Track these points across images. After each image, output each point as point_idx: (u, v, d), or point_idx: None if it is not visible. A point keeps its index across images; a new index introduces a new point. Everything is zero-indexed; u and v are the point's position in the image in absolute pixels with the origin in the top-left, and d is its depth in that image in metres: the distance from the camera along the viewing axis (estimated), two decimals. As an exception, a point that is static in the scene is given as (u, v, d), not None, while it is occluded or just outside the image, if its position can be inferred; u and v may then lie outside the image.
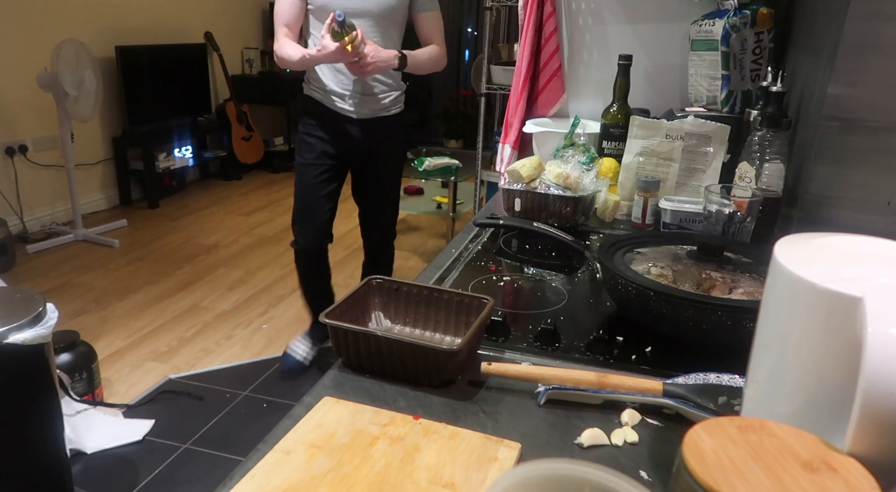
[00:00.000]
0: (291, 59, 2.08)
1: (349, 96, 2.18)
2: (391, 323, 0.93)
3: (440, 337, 0.90)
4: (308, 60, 2.06)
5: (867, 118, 1.04)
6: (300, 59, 2.06)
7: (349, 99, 2.19)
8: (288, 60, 2.09)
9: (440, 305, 0.90)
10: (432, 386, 0.78)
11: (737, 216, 1.15)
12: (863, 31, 1.00)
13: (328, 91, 2.19)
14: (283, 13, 2.11)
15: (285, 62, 2.10)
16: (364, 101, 2.20)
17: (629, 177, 1.48)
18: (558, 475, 0.47)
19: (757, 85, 1.58)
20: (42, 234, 3.94)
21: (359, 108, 2.20)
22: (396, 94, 2.27)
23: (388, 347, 0.78)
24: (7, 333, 1.44)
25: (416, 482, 0.61)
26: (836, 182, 1.09)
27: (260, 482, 0.61)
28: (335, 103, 2.20)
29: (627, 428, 0.71)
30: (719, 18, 1.57)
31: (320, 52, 1.95)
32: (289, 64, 2.10)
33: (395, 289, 0.93)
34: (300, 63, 2.08)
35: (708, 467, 0.45)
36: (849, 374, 0.47)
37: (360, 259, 2.62)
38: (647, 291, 0.88)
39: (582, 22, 1.88)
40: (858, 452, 0.46)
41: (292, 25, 2.12)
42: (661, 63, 1.79)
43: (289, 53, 2.08)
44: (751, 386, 0.61)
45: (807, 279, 0.51)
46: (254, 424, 2.24)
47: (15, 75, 3.81)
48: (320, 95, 2.21)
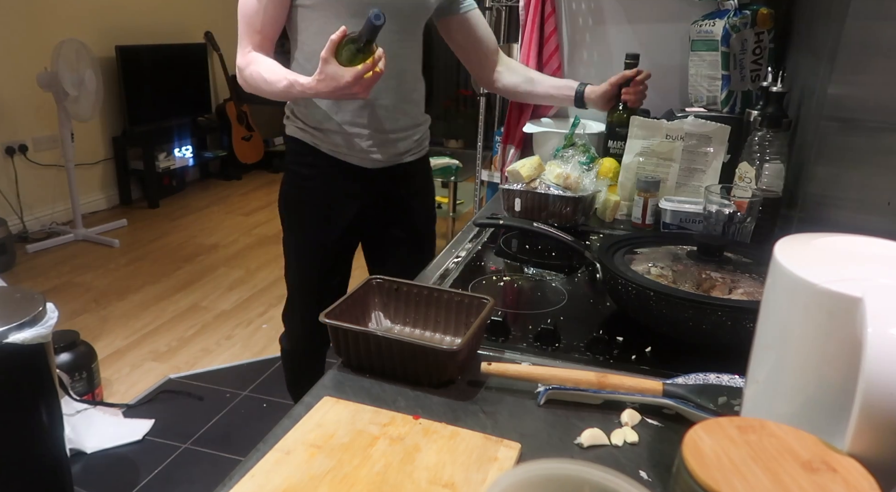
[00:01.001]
0: (271, 88, 1.31)
1: (365, 136, 1.42)
2: (391, 323, 0.93)
3: (440, 337, 0.90)
4: (298, 92, 1.27)
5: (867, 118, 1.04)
6: (285, 88, 1.29)
7: (364, 140, 1.42)
8: (264, 88, 1.33)
9: (440, 305, 0.90)
10: (432, 386, 0.78)
11: (737, 216, 1.15)
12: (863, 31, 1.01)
13: (330, 130, 1.42)
14: (254, 14, 1.34)
15: (259, 90, 1.34)
16: (386, 141, 1.44)
17: (629, 177, 1.48)
18: (558, 475, 0.47)
19: (757, 85, 1.58)
20: (42, 233, 3.94)
21: (379, 152, 1.45)
22: (424, 128, 1.56)
23: (388, 347, 0.78)
24: (7, 333, 1.44)
25: (416, 482, 0.61)
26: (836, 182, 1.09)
27: (260, 482, 0.61)
28: (341, 148, 1.43)
29: (627, 428, 0.71)
30: (719, 19, 1.57)
31: (322, 82, 1.21)
32: (266, 93, 1.34)
33: (396, 289, 0.93)
34: (284, 93, 1.30)
35: (708, 467, 0.45)
36: (849, 374, 0.47)
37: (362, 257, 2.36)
38: (647, 291, 0.87)
39: (582, 22, 1.88)
40: (858, 452, 0.46)
41: (269, 32, 1.36)
42: (661, 63, 1.79)
43: (265, 78, 1.31)
44: (751, 386, 0.61)
45: (807, 279, 0.51)
46: (254, 424, 2.24)
47: (15, 75, 3.81)
48: (317, 138, 1.44)
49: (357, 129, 1.41)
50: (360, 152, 1.43)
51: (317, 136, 1.43)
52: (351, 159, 1.44)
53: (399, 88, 1.41)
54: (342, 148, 1.43)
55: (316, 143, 1.44)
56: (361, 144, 1.42)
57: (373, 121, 1.41)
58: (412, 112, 1.48)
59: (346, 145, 1.42)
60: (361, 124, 1.41)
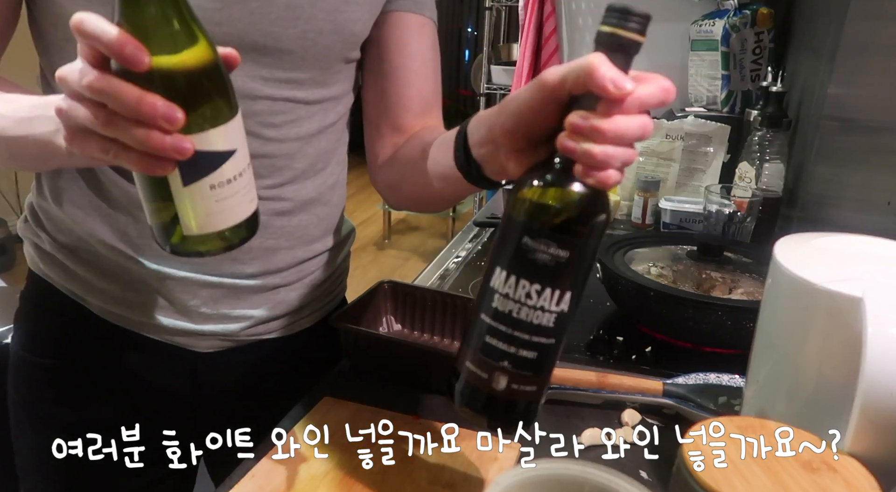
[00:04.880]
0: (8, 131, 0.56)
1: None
2: (402, 327, 0.92)
3: (449, 342, 0.89)
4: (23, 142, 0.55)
5: (867, 118, 1.04)
6: (36, 119, 0.53)
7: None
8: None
9: (456, 311, 0.88)
10: (440, 392, 0.77)
11: (737, 216, 1.15)
12: (863, 31, 1.01)
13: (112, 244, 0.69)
14: None
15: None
16: None
17: (629, 177, 1.48)
18: (558, 475, 0.47)
19: (757, 85, 1.58)
20: (42, 234, 3.94)
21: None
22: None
23: (398, 351, 0.78)
24: (7, 333, 1.44)
25: (416, 482, 0.61)
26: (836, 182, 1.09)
27: (260, 482, 0.60)
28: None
29: (627, 428, 0.71)
30: (719, 18, 1.57)
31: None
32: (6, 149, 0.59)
33: (408, 293, 0.91)
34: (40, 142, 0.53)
35: (708, 467, 0.45)
36: (849, 374, 0.47)
37: (365, 258, 2.32)
38: (647, 291, 0.87)
39: (582, 22, 1.88)
40: (858, 452, 0.46)
41: None
42: (661, 63, 1.79)
43: None
44: (751, 386, 0.61)
45: (807, 279, 0.51)
46: (254, 424, 2.24)
47: (15, 75, 3.79)
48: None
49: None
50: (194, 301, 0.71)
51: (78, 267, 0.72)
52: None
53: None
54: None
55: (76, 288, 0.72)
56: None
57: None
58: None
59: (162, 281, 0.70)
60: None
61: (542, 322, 0.47)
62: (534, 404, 0.51)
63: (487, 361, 0.49)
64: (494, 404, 0.50)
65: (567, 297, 0.47)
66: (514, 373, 0.48)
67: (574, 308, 0.48)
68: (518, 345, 0.47)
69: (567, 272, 0.46)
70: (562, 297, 0.47)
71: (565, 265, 0.46)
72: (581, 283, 0.48)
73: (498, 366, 0.48)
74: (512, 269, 0.47)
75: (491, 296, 0.48)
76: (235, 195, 0.47)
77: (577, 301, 0.48)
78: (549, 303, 0.46)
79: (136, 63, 0.40)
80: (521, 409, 0.51)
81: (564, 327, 0.48)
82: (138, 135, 0.41)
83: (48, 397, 0.77)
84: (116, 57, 0.41)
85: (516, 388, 0.49)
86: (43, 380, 0.77)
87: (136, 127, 0.41)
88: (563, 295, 0.47)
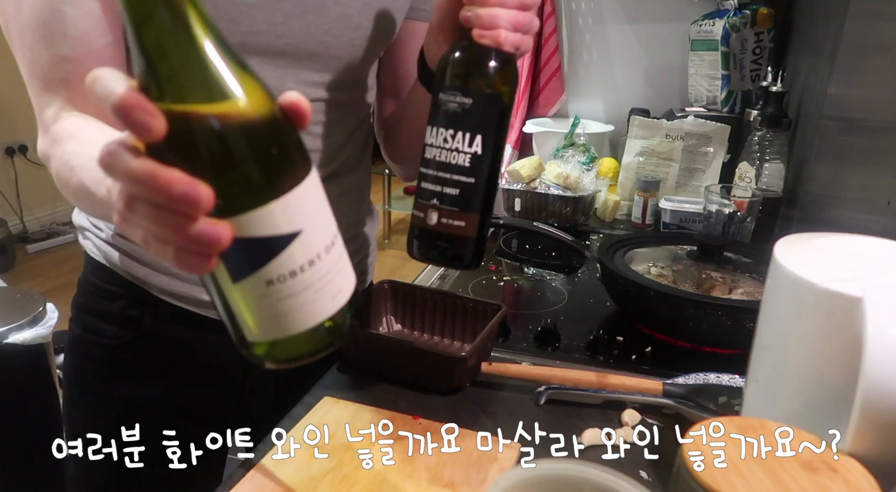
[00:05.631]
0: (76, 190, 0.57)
1: None
2: (402, 327, 0.92)
3: (448, 342, 0.89)
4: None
5: (867, 118, 1.04)
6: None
7: None
8: (71, 191, 0.59)
9: (456, 311, 0.88)
10: (440, 393, 0.77)
11: (737, 216, 1.15)
12: (863, 31, 1.01)
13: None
14: (43, 51, 0.65)
15: (70, 192, 0.60)
16: None
17: (629, 177, 1.48)
18: (558, 475, 0.47)
19: (757, 85, 1.58)
20: (42, 234, 3.94)
21: None
22: None
23: (398, 351, 0.78)
24: (7, 333, 1.44)
25: (416, 482, 0.61)
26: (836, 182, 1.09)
27: (260, 482, 0.61)
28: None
29: (627, 428, 0.71)
30: (719, 18, 1.57)
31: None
32: (77, 201, 0.61)
33: (408, 293, 0.91)
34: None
35: (708, 467, 0.45)
36: (849, 374, 0.47)
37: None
38: (647, 291, 0.87)
39: (582, 22, 1.88)
40: (858, 452, 0.46)
41: (75, 84, 0.64)
42: (661, 63, 1.79)
43: (72, 166, 0.56)
44: (751, 386, 0.61)
45: (807, 279, 0.51)
46: (254, 424, 2.24)
47: (15, 75, 3.78)
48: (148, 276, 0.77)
49: None
50: None
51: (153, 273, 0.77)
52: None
53: None
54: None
55: (159, 289, 0.78)
56: None
57: None
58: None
59: None
60: None
61: (459, 162, 0.58)
62: (468, 241, 0.62)
63: (422, 202, 0.60)
64: (433, 239, 0.61)
65: (478, 139, 0.57)
66: (442, 208, 0.59)
67: (489, 153, 0.58)
68: (441, 183, 0.58)
69: (473, 117, 0.57)
70: (473, 139, 0.57)
71: (469, 111, 0.56)
72: (490, 129, 0.58)
73: (429, 204, 0.60)
74: (433, 122, 0.59)
75: (423, 150, 0.59)
76: (307, 290, 0.35)
77: (490, 146, 0.58)
78: (463, 144, 0.57)
79: (144, 131, 0.31)
80: (458, 244, 0.62)
81: (481, 169, 0.58)
82: (162, 222, 0.32)
83: (107, 375, 0.82)
84: (124, 125, 0.31)
85: (446, 222, 0.60)
86: (102, 359, 0.83)
87: (159, 212, 0.32)
88: (475, 137, 0.57)
